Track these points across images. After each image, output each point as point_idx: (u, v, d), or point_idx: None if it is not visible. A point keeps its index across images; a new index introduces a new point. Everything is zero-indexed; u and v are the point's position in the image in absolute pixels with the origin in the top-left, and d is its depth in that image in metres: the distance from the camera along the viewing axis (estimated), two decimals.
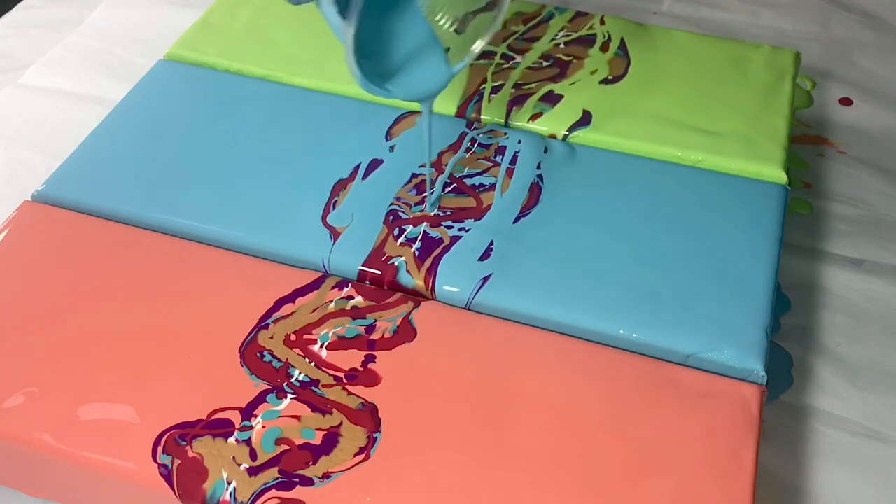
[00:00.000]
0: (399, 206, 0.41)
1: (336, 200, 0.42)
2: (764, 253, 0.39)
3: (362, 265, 0.39)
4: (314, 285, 0.38)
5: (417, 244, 0.40)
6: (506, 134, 0.45)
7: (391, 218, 0.41)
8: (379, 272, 0.39)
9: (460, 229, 0.40)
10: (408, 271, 0.39)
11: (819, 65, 0.59)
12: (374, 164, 0.43)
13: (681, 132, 0.45)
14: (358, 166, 0.43)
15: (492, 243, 0.39)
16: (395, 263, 0.39)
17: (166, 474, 0.33)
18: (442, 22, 0.40)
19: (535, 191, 0.42)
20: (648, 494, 0.32)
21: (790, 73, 0.48)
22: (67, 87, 0.58)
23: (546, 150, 0.44)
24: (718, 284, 0.38)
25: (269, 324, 0.37)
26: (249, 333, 0.37)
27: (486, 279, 0.38)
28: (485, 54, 0.49)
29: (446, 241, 0.40)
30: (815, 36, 0.61)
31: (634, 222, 0.41)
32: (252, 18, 0.52)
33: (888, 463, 0.39)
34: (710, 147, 0.44)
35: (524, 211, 0.41)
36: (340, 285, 0.38)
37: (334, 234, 0.40)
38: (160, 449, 0.33)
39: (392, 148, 0.44)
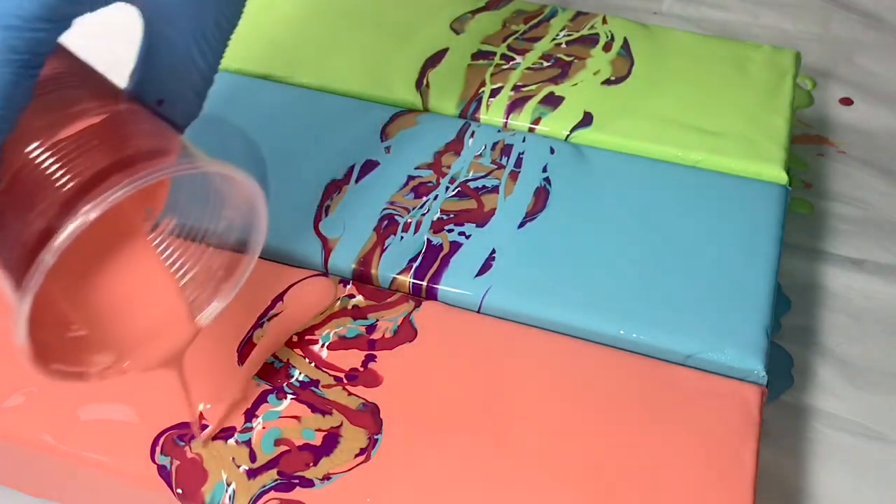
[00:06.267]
0: (394, 210, 0.41)
1: (328, 205, 0.41)
2: (764, 253, 0.39)
3: (353, 280, 0.39)
4: None
5: (418, 261, 0.39)
6: (513, 133, 0.45)
7: (386, 223, 0.41)
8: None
9: (460, 233, 0.40)
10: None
11: (819, 65, 0.59)
12: (369, 165, 0.43)
13: (680, 132, 0.44)
14: (352, 168, 0.43)
15: (493, 251, 0.39)
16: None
17: (165, 475, 0.32)
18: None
19: (542, 195, 0.42)
20: (649, 494, 0.32)
21: (790, 73, 0.48)
22: None
23: (552, 152, 0.44)
24: (718, 284, 0.38)
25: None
26: (249, 333, 0.37)
27: (485, 293, 0.38)
28: (485, 55, 0.49)
29: (446, 250, 0.39)
30: (815, 36, 0.61)
31: (634, 222, 0.41)
32: (252, 18, 0.52)
33: (888, 463, 0.39)
34: (710, 147, 0.44)
35: (530, 215, 0.41)
36: (341, 283, 0.38)
37: (326, 246, 0.40)
38: (158, 449, 0.33)
39: (387, 149, 0.44)
